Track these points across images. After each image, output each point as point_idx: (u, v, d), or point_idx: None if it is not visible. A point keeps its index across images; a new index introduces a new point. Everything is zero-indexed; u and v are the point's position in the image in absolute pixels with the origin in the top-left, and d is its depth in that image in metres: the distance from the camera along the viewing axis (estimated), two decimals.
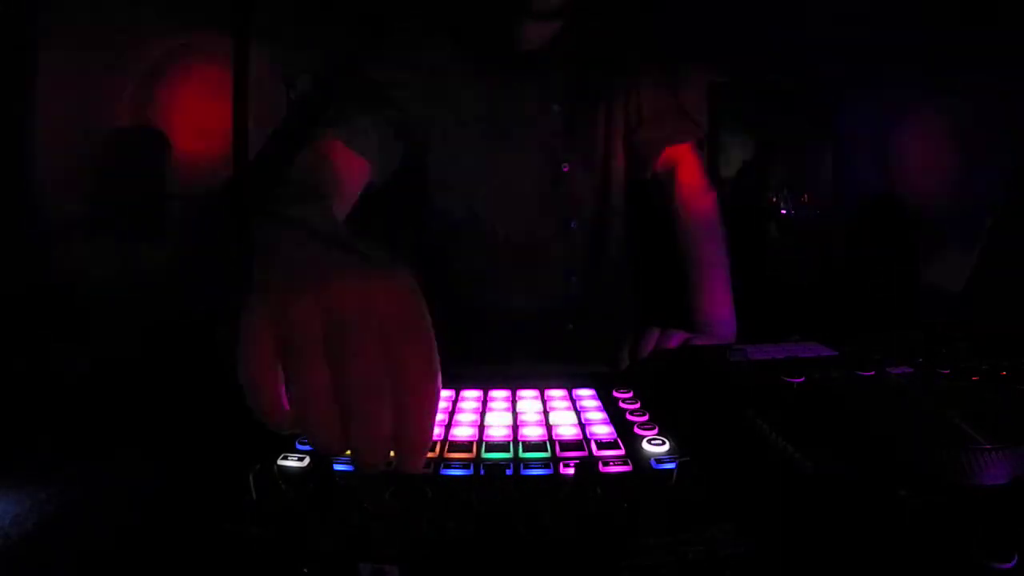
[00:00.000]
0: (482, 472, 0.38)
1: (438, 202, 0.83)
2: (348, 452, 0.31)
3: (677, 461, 0.36)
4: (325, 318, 0.29)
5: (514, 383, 0.53)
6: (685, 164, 0.87)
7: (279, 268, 0.33)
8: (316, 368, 0.29)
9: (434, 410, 0.31)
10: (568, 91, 0.84)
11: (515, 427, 0.45)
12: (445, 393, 0.51)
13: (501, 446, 0.41)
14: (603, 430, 0.44)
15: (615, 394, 0.52)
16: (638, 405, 0.49)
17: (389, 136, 0.76)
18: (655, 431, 0.44)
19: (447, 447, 0.41)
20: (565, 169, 0.85)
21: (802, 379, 0.43)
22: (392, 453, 0.31)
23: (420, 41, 0.80)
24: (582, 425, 0.45)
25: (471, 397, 0.50)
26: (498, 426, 0.45)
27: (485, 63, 0.81)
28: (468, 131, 0.81)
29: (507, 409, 0.48)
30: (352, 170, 0.71)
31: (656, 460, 0.40)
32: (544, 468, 0.38)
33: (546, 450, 0.41)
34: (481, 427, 0.44)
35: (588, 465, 0.37)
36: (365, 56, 0.79)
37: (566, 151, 0.85)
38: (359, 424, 0.30)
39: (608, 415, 0.47)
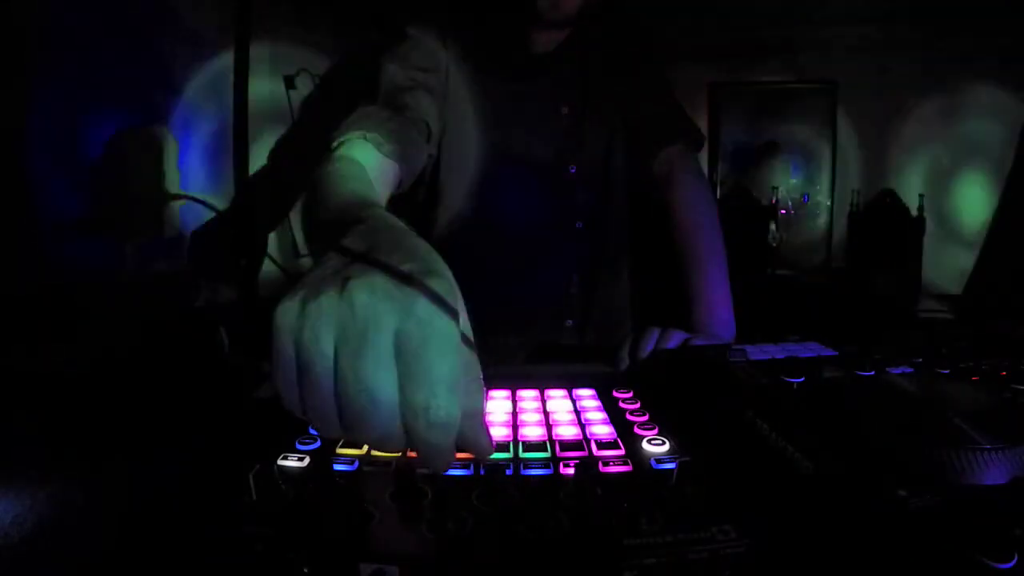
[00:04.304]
0: (482, 472, 0.38)
1: (447, 201, 0.83)
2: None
3: (677, 461, 0.36)
4: (337, 333, 0.28)
5: (514, 383, 0.53)
6: (682, 165, 0.87)
7: (309, 277, 0.31)
8: (321, 386, 0.28)
9: (450, 425, 0.28)
10: (577, 93, 0.85)
11: (515, 427, 0.45)
12: None
13: (501, 446, 0.41)
14: (603, 430, 0.44)
15: (615, 394, 0.52)
16: (638, 405, 0.49)
17: (414, 135, 0.72)
18: (655, 431, 0.44)
19: None
20: (572, 170, 0.86)
21: (802, 379, 0.43)
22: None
23: (433, 43, 0.79)
24: (582, 425, 0.45)
25: None
26: (498, 426, 0.45)
27: (497, 66, 0.81)
28: (479, 132, 0.81)
29: (507, 409, 0.48)
30: (384, 171, 0.67)
31: (656, 460, 0.40)
32: (544, 468, 0.38)
33: (546, 450, 0.41)
34: None
35: (588, 465, 0.37)
36: (379, 57, 0.78)
37: (574, 152, 0.85)
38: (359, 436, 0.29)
39: (608, 415, 0.47)
